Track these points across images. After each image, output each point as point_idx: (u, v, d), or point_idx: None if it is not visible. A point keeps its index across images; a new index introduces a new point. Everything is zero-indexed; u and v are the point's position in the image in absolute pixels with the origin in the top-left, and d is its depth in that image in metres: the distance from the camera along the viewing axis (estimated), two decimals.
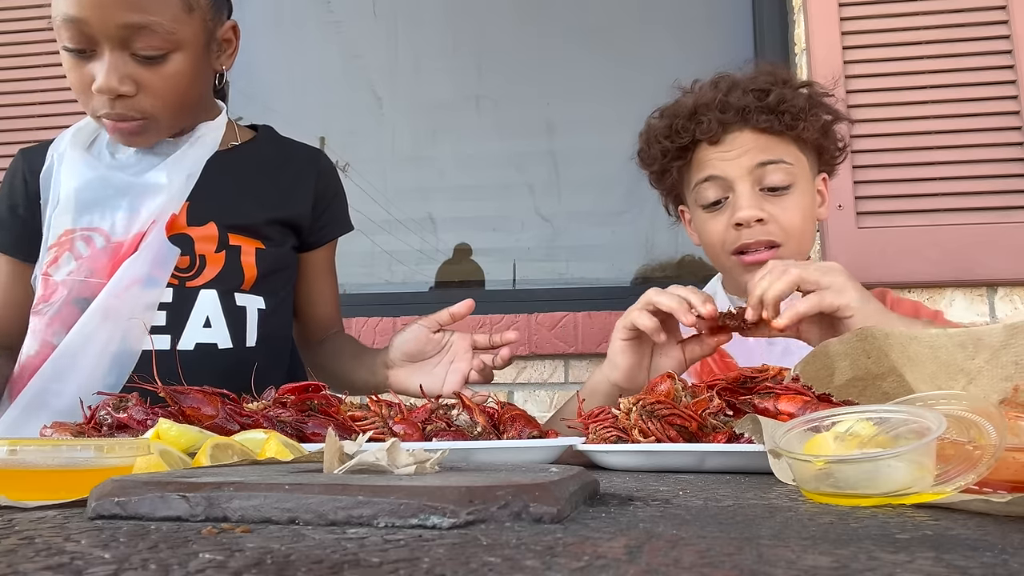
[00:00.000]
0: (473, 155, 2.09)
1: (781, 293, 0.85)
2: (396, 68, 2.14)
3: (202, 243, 1.02)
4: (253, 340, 1.04)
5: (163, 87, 0.97)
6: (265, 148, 1.15)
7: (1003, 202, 1.58)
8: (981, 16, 1.63)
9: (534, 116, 2.06)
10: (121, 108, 0.96)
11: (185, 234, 1.01)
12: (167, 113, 1.00)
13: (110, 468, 0.45)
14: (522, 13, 2.10)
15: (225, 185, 1.06)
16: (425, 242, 2.05)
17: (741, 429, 0.64)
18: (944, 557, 0.28)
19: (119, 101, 0.96)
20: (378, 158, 2.11)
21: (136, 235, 0.99)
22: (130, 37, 0.93)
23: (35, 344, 0.98)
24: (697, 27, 2.01)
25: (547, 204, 2.00)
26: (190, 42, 0.98)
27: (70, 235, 1.00)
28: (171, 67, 0.97)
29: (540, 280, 1.95)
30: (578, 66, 2.04)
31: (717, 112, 1.09)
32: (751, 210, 1.06)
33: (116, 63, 0.94)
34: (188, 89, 1.00)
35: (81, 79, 0.96)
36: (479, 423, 0.78)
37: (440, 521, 0.33)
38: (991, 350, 0.59)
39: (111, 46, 0.93)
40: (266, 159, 1.13)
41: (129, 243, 0.98)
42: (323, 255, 1.18)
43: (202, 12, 0.99)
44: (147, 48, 0.94)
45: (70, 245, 1.00)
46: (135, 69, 0.95)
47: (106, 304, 0.95)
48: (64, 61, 0.97)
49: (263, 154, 1.13)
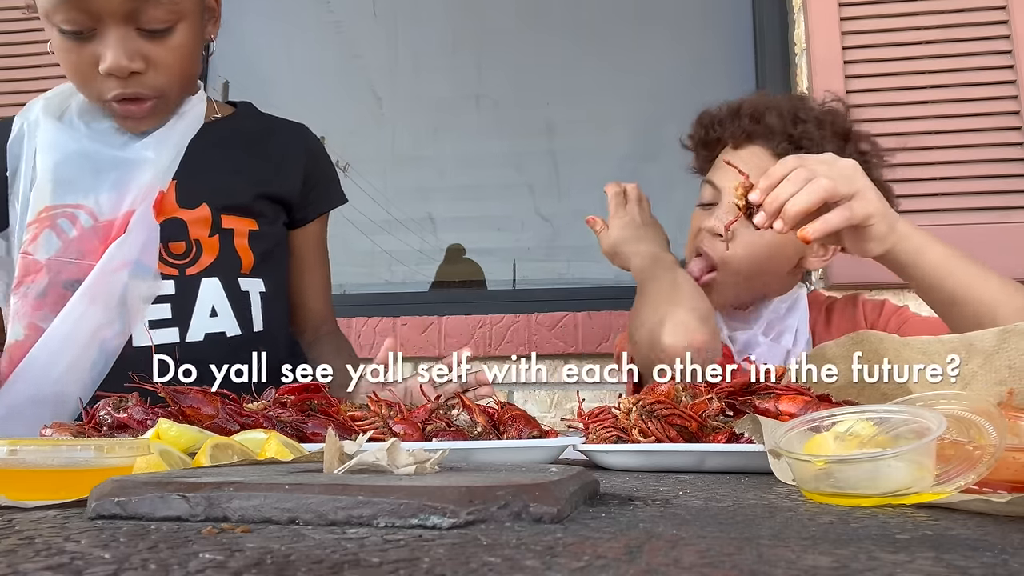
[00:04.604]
0: (473, 155, 2.09)
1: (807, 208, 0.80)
2: (396, 68, 2.14)
3: (196, 227, 0.99)
4: (260, 325, 1.03)
5: (171, 60, 0.94)
6: (247, 122, 1.11)
7: (1003, 202, 1.57)
8: (981, 16, 1.63)
9: (534, 116, 2.06)
10: (134, 87, 0.93)
11: (178, 218, 0.98)
12: (175, 88, 0.97)
13: (110, 468, 0.45)
14: (522, 13, 2.10)
15: (212, 161, 1.03)
16: (425, 242, 2.05)
17: (741, 429, 0.64)
18: (944, 557, 0.28)
19: (131, 79, 0.92)
20: (378, 158, 2.11)
21: (125, 214, 0.95)
22: (135, 11, 0.89)
23: (21, 328, 0.94)
24: (697, 27, 2.01)
25: (547, 204, 2.00)
26: (191, 11, 0.95)
27: (51, 211, 0.96)
28: (177, 39, 0.93)
29: (540, 280, 1.95)
30: (578, 66, 2.04)
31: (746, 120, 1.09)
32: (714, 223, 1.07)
33: (123, 39, 0.90)
34: (192, 63, 0.98)
35: (81, 63, 0.92)
36: (479, 423, 0.78)
37: (440, 521, 0.33)
38: (984, 355, 0.59)
39: (116, 22, 0.89)
40: (250, 133, 1.09)
41: (119, 223, 0.95)
42: (313, 231, 1.14)
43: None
44: (153, 21, 0.91)
45: (51, 222, 0.95)
46: (142, 44, 0.92)
47: (94, 287, 0.92)
48: (57, 46, 0.92)
49: (246, 128, 1.10)
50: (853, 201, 0.80)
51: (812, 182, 0.80)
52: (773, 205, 0.81)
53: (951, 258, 0.86)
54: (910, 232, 0.86)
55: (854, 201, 0.80)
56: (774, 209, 0.81)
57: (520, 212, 2.02)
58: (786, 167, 0.82)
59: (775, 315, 1.14)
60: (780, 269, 1.11)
